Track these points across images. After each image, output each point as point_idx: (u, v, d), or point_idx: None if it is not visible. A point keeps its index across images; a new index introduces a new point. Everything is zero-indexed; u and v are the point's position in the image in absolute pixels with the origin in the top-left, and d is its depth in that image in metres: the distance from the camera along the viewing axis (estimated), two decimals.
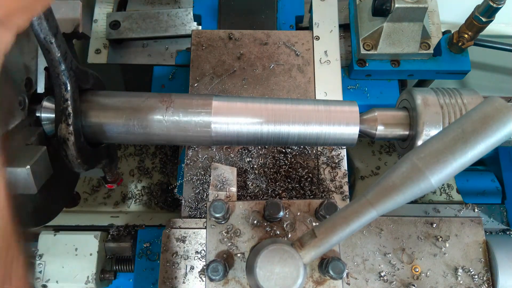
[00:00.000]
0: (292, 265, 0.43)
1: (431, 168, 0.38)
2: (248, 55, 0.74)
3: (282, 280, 0.43)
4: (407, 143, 0.57)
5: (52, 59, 0.53)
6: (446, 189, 0.82)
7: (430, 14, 0.86)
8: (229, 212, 0.53)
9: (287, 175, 0.67)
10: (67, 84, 0.55)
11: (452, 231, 0.63)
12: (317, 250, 0.42)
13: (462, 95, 0.55)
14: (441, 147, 0.39)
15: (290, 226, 0.53)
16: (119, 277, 0.83)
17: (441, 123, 0.53)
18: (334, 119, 0.50)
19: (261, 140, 0.51)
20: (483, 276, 0.61)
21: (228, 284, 0.51)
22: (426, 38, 0.77)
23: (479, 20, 0.71)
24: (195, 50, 0.74)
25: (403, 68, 0.78)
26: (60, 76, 0.54)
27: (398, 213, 0.66)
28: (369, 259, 0.62)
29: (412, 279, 0.61)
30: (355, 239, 0.63)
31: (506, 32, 1.04)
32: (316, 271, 0.51)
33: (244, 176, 0.67)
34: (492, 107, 0.38)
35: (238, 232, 0.53)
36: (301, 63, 0.73)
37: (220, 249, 0.52)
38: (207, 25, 0.82)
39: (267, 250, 0.44)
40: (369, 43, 0.77)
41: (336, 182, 0.67)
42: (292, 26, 0.82)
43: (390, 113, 0.56)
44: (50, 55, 0.52)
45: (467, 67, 0.78)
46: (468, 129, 0.38)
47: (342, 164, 0.68)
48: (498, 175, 0.82)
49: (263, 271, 0.43)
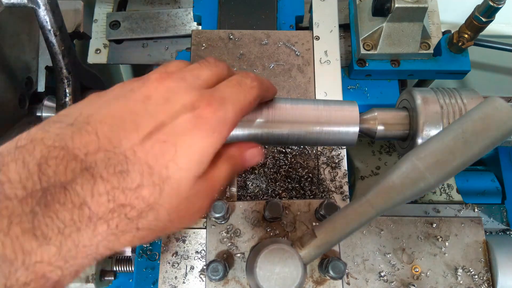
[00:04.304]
0: (292, 265, 0.43)
1: (431, 168, 0.38)
2: (248, 55, 0.74)
3: (282, 280, 0.43)
4: (407, 143, 0.57)
5: (56, 52, 0.53)
6: (446, 189, 0.81)
7: (430, 14, 0.86)
8: (229, 212, 0.53)
9: (287, 175, 0.67)
10: (69, 78, 0.55)
11: (452, 231, 0.63)
12: (317, 250, 0.42)
13: (462, 95, 0.55)
14: (441, 147, 0.39)
15: (290, 226, 0.53)
16: (119, 277, 0.83)
17: (441, 123, 0.53)
18: (334, 119, 0.50)
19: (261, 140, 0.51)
20: (483, 276, 0.61)
21: (228, 284, 0.51)
22: (426, 38, 0.77)
23: (479, 20, 0.71)
24: (195, 50, 0.74)
25: (403, 68, 0.78)
26: (63, 70, 0.54)
27: (398, 213, 0.66)
28: (369, 259, 0.62)
29: (412, 279, 0.61)
30: (355, 239, 0.63)
31: (506, 32, 1.04)
32: (316, 271, 0.51)
33: (244, 176, 0.67)
34: (492, 107, 0.38)
35: (238, 232, 0.53)
36: (301, 63, 0.73)
37: (220, 249, 0.52)
38: (207, 25, 0.82)
39: (267, 250, 0.44)
40: (369, 43, 0.77)
41: (336, 182, 0.67)
42: (292, 26, 0.82)
43: (390, 113, 0.56)
44: (54, 48, 0.53)
45: (467, 67, 0.78)
46: (468, 129, 0.38)
47: (342, 164, 0.68)
48: (498, 175, 0.82)
49: (263, 271, 0.43)
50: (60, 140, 0.29)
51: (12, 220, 0.26)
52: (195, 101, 0.33)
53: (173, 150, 0.31)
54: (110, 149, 0.29)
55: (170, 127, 0.32)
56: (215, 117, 0.33)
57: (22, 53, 0.59)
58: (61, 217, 0.27)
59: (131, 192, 0.29)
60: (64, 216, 0.27)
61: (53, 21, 0.50)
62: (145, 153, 0.30)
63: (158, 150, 0.31)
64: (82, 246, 0.28)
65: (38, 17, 0.50)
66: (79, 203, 0.28)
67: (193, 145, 0.32)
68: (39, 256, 0.26)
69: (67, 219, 0.27)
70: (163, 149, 0.31)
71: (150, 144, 0.31)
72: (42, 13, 0.49)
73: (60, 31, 0.52)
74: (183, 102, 0.33)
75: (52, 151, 0.28)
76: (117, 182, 0.29)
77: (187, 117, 0.32)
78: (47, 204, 0.27)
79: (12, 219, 0.26)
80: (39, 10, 0.49)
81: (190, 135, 0.32)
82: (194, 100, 0.33)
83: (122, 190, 0.29)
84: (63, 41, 0.52)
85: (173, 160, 0.31)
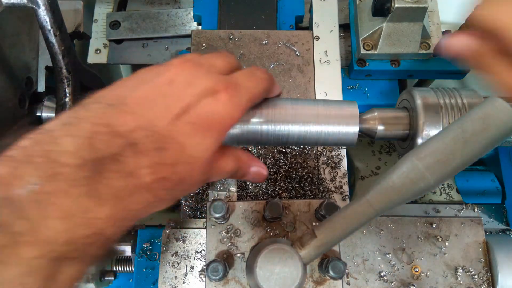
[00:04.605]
0: (292, 265, 0.43)
1: (431, 168, 0.38)
2: (248, 55, 0.74)
3: (282, 280, 0.43)
4: (407, 143, 0.57)
5: (56, 52, 0.53)
6: (446, 189, 0.82)
7: (430, 14, 0.86)
8: (229, 212, 0.53)
9: (287, 175, 0.67)
10: (69, 78, 0.55)
11: (452, 231, 0.63)
12: (317, 250, 0.42)
13: (462, 95, 0.54)
14: (441, 147, 0.39)
15: (290, 226, 0.53)
16: (119, 277, 0.83)
17: (441, 123, 0.53)
18: (334, 119, 0.50)
19: (260, 140, 0.51)
20: (483, 276, 0.61)
21: (228, 284, 0.51)
22: (426, 38, 0.77)
23: None
24: (195, 50, 0.74)
25: (403, 68, 0.78)
26: (63, 70, 0.54)
27: (398, 213, 0.66)
28: (369, 259, 0.62)
29: (412, 279, 0.61)
30: (355, 239, 0.63)
31: None
32: (316, 271, 0.51)
33: None
34: (492, 107, 0.38)
35: (238, 232, 0.53)
36: (301, 63, 0.73)
37: (220, 249, 0.52)
38: (207, 25, 0.82)
39: (267, 250, 0.44)
40: (369, 43, 0.77)
41: (336, 182, 0.67)
42: (292, 26, 0.82)
43: (390, 113, 0.56)
44: (54, 48, 0.53)
45: (467, 67, 0.78)
46: (468, 129, 0.38)
47: (342, 164, 0.68)
48: (498, 175, 0.82)
49: (263, 271, 0.43)
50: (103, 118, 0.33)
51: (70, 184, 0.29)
52: (214, 85, 0.37)
53: (200, 131, 0.36)
54: (148, 128, 0.33)
55: (195, 109, 0.36)
56: (232, 101, 0.37)
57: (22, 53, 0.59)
58: (113, 183, 0.31)
59: (169, 167, 0.34)
60: (117, 183, 0.31)
61: (53, 21, 0.50)
62: (176, 132, 0.34)
63: (187, 130, 0.35)
64: (129, 209, 0.32)
65: (38, 17, 0.50)
66: (129, 172, 0.32)
67: (214, 126, 0.37)
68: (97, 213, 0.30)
69: (119, 185, 0.31)
70: (191, 129, 0.35)
71: (180, 125, 0.35)
72: (42, 13, 0.49)
73: (60, 31, 0.52)
74: (204, 86, 0.37)
75: (97, 127, 0.32)
76: (158, 157, 0.33)
77: (208, 100, 0.36)
78: (101, 171, 0.30)
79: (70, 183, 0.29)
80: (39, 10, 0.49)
81: (212, 117, 0.36)
82: (213, 84, 0.37)
83: (162, 165, 0.33)
84: (63, 41, 0.52)
85: (199, 140, 0.36)
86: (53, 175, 0.29)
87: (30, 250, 0.28)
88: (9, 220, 0.28)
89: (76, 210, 0.29)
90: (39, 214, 0.28)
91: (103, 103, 0.34)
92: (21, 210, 0.28)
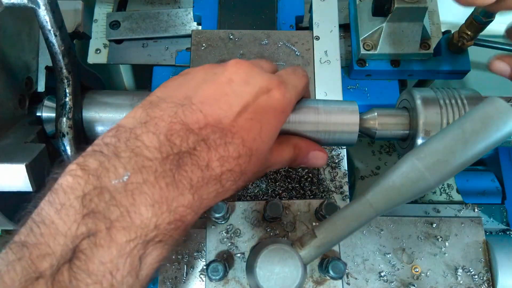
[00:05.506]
0: (292, 265, 0.43)
1: (431, 168, 0.38)
2: (248, 55, 0.74)
3: (282, 280, 0.43)
4: (407, 143, 0.57)
5: (56, 52, 0.53)
6: (446, 189, 0.81)
7: (430, 14, 0.86)
8: (229, 212, 0.53)
9: (287, 175, 0.67)
10: (69, 78, 0.55)
11: (452, 231, 0.63)
12: (317, 250, 0.42)
13: (462, 95, 0.55)
14: (441, 147, 0.39)
15: (290, 226, 0.53)
16: None
17: (441, 123, 0.53)
18: (334, 119, 0.50)
19: None
20: (483, 276, 0.61)
21: (228, 284, 0.51)
22: (426, 38, 0.77)
23: (479, 20, 0.71)
24: (195, 50, 0.74)
25: (403, 68, 0.78)
26: (63, 70, 0.54)
27: (398, 213, 0.66)
28: (369, 259, 0.62)
29: (412, 279, 0.61)
30: (355, 239, 0.63)
31: None
32: (316, 271, 0.51)
33: None
34: (492, 107, 0.38)
35: (238, 232, 0.53)
36: (301, 63, 0.73)
37: (220, 249, 0.52)
38: (207, 25, 0.82)
39: (267, 250, 0.44)
40: (369, 43, 0.77)
41: (336, 182, 0.67)
42: (292, 26, 0.82)
43: (390, 113, 0.56)
44: (54, 48, 0.53)
45: (467, 67, 0.78)
46: (468, 129, 0.38)
47: (342, 164, 0.68)
48: (498, 175, 0.82)
49: (263, 271, 0.43)
50: (176, 117, 0.36)
51: (157, 176, 0.33)
52: (267, 84, 0.41)
53: (259, 126, 0.39)
54: (215, 125, 0.37)
55: (253, 106, 0.39)
56: (284, 98, 0.41)
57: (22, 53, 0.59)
58: (192, 175, 0.35)
59: (234, 160, 0.37)
60: (194, 174, 0.35)
61: (53, 21, 0.50)
62: (239, 128, 0.38)
63: (248, 126, 0.38)
64: (204, 198, 0.36)
65: (38, 17, 0.50)
66: (204, 165, 0.35)
67: (270, 121, 0.40)
68: (180, 202, 0.34)
69: (197, 177, 0.35)
70: (251, 125, 0.39)
71: (242, 121, 0.38)
72: (42, 13, 0.49)
73: (60, 31, 0.52)
74: (259, 84, 0.40)
75: (173, 125, 0.36)
76: (224, 152, 0.37)
77: (265, 98, 0.40)
78: (180, 165, 0.34)
79: (156, 175, 0.33)
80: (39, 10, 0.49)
81: (268, 113, 0.40)
82: (267, 83, 0.41)
83: (228, 158, 0.37)
84: (63, 41, 0.52)
85: (258, 135, 0.39)
86: (141, 168, 0.33)
87: (124, 235, 0.31)
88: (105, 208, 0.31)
89: (163, 198, 0.33)
90: (131, 202, 0.32)
91: (174, 103, 0.38)
92: (115, 199, 0.32)
